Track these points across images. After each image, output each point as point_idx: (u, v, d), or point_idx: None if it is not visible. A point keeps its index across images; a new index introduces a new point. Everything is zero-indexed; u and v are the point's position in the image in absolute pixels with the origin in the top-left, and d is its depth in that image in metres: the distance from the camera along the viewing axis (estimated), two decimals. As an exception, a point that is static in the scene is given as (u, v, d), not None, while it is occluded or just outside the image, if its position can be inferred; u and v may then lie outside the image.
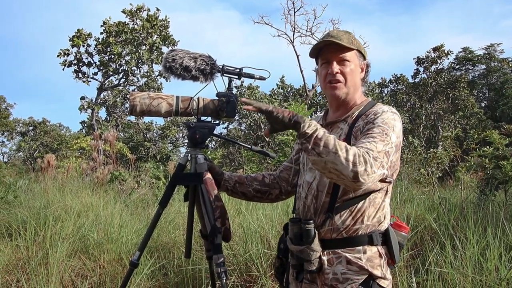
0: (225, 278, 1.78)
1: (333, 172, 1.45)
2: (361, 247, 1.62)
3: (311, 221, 1.64)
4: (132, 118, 23.20)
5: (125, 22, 17.97)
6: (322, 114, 1.90)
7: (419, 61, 22.80)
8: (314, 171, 1.72)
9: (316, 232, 1.63)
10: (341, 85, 1.70)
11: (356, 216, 1.63)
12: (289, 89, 22.69)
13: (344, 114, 1.74)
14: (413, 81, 23.48)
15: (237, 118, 19.58)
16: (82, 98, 19.43)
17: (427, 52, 22.43)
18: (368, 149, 1.49)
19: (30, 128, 31.73)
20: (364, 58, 1.78)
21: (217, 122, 1.99)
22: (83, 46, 17.79)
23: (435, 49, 22.02)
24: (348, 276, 1.60)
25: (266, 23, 18.25)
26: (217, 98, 1.94)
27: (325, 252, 1.65)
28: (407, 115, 21.99)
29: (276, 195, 1.99)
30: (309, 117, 9.44)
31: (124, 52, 18.09)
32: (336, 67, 1.69)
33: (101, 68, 18.38)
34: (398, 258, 1.68)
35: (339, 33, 1.72)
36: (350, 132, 1.67)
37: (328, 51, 1.72)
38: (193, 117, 1.94)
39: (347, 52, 1.70)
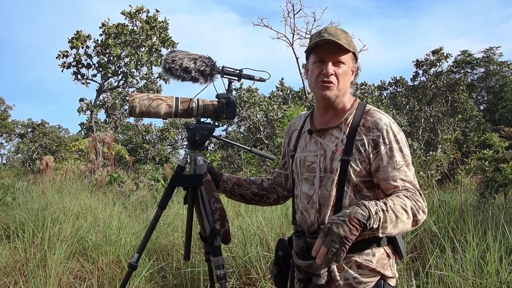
0: (224, 280, 1.77)
1: (403, 231, 1.51)
2: (369, 250, 1.57)
3: (317, 234, 1.49)
4: (131, 120, 23.20)
5: (124, 23, 17.98)
6: (307, 115, 1.81)
7: (418, 64, 22.82)
8: (312, 182, 1.65)
9: None
10: (333, 87, 1.60)
11: None
12: (288, 91, 22.66)
13: (335, 119, 1.66)
14: (412, 83, 23.53)
15: (237, 120, 19.56)
16: (81, 100, 19.45)
17: (426, 55, 22.51)
18: (410, 183, 1.55)
19: (29, 129, 31.63)
20: (356, 61, 1.69)
21: (217, 123, 1.97)
22: (82, 47, 17.80)
23: (434, 52, 22.07)
24: (360, 280, 1.56)
25: (265, 26, 18.22)
26: (216, 99, 1.93)
27: None
28: (406, 117, 21.99)
29: (274, 199, 1.97)
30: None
31: (123, 54, 18.09)
32: (331, 68, 1.59)
33: (100, 70, 18.38)
34: (404, 251, 1.67)
35: (337, 32, 1.61)
36: (350, 144, 1.59)
37: (324, 49, 1.61)
38: (192, 118, 1.93)
39: (343, 54, 1.61)
